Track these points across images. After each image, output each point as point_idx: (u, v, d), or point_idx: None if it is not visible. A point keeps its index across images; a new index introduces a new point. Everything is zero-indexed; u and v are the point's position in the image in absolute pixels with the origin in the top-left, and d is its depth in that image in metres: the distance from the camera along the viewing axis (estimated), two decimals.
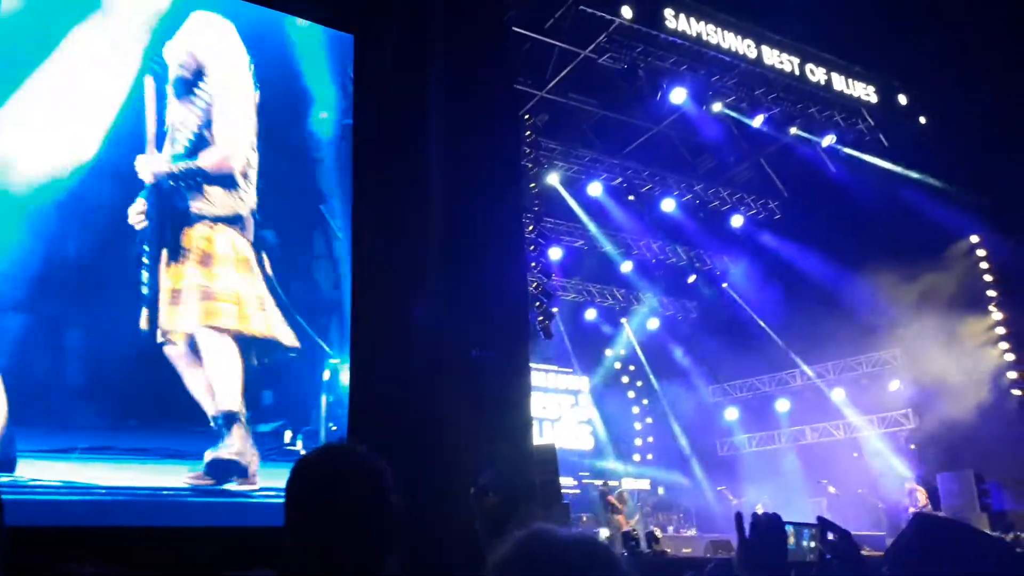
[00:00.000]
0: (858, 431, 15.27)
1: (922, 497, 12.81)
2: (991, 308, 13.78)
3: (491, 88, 7.45)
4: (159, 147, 6.25)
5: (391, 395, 6.39)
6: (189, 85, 6.50)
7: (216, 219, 6.39)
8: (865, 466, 14.65)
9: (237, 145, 6.64)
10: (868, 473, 14.50)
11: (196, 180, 6.39)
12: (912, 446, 14.17)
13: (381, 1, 7.59)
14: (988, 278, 13.98)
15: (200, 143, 6.46)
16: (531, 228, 12.70)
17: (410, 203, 6.98)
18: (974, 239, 14.13)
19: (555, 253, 14.78)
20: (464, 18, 7.31)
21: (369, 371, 6.61)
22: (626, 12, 10.84)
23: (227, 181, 6.55)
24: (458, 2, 7.38)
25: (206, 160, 6.46)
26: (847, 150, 13.81)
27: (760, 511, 1.88)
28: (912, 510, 12.89)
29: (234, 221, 6.49)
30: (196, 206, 6.33)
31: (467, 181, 6.98)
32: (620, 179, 14.72)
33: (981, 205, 13.43)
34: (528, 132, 12.52)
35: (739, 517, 1.80)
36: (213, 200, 6.40)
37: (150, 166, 6.16)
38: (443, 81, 7.13)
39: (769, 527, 1.76)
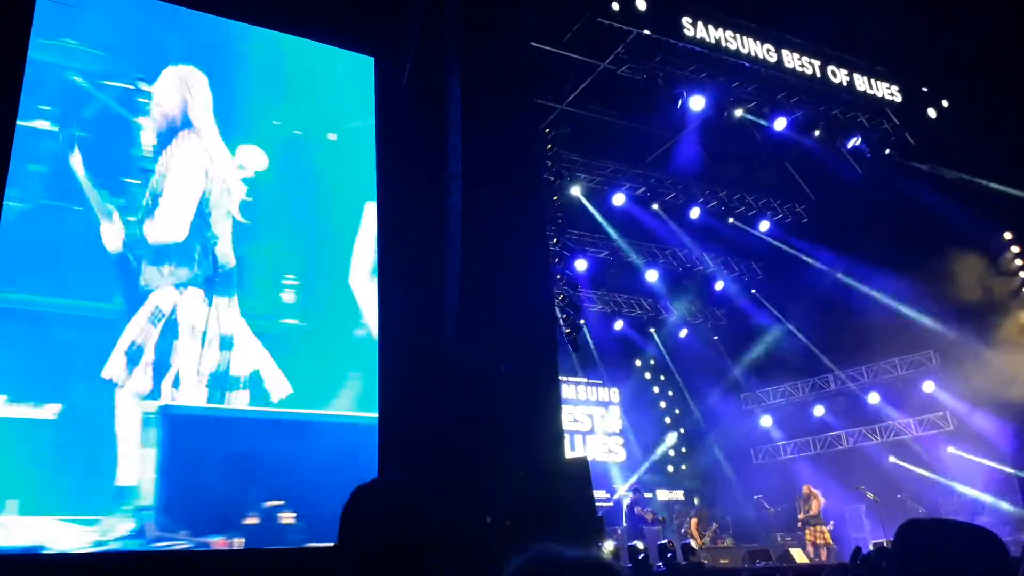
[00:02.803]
0: (896, 435, 15.02)
1: (816, 505, 12.71)
2: None
3: (510, 104, 7.48)
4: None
5: (420, 413, 6.41)
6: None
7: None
8: (904, 470, 14.38)
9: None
10: (907, 477, 14.23)
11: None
12: (950, 449, 13.89)
13: (400, 23, 7.69)
14: None
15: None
16: (555, 240, 12.69)
17: (433, 221, 7.03)
18: (1008, 235, 13.88)
19: (580, 265, 14.74)
20: (481, 37, 7.37)
21: (397, 391, 6.64)
22: (644, 23, 10.82)
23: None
24: (475, 21, 7.44)
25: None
26: (873, 151, 13.64)
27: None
28: (800, 516, 12.87)
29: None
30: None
31: (489, 197, 7.00)
32: (644, 188, 14.68)
33: (1014, 201, 13.18)
34: (549, 145, 12.53)
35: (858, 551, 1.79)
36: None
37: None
38: (462, 99, 7.17)
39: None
